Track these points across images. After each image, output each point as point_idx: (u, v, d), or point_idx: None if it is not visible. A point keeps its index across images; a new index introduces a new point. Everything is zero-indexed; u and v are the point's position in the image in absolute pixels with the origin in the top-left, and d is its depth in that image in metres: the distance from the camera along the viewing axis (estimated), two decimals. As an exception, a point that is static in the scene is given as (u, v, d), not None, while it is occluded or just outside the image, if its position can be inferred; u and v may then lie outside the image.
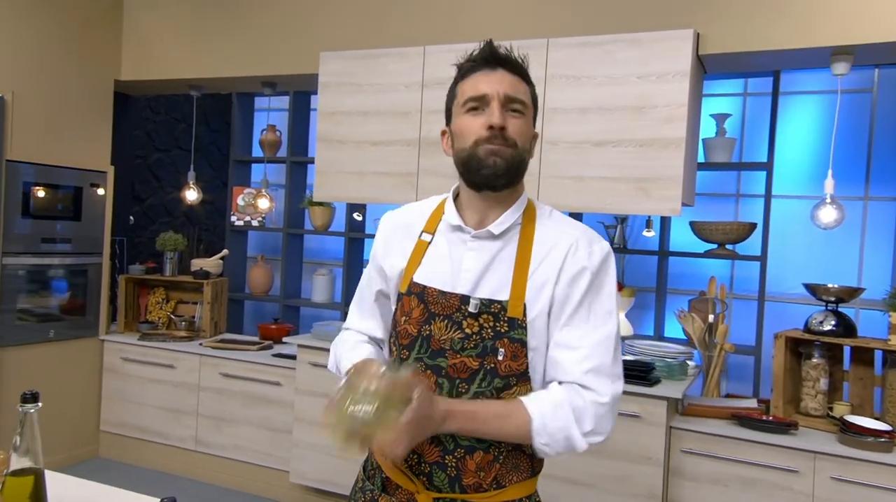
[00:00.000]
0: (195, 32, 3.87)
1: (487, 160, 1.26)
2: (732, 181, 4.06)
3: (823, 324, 2.85)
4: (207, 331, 4.01)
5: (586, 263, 1.28)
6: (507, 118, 1.27)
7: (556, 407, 1.22)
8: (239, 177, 4.86)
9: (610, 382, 1.25)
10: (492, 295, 1.28)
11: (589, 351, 1.25)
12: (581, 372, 1.24)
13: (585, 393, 1.24)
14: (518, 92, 1.29)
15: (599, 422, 1.24)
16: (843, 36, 2.63)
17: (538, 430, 1.22)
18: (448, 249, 1.34)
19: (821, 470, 2.58)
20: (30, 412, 1.33)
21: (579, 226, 1.35)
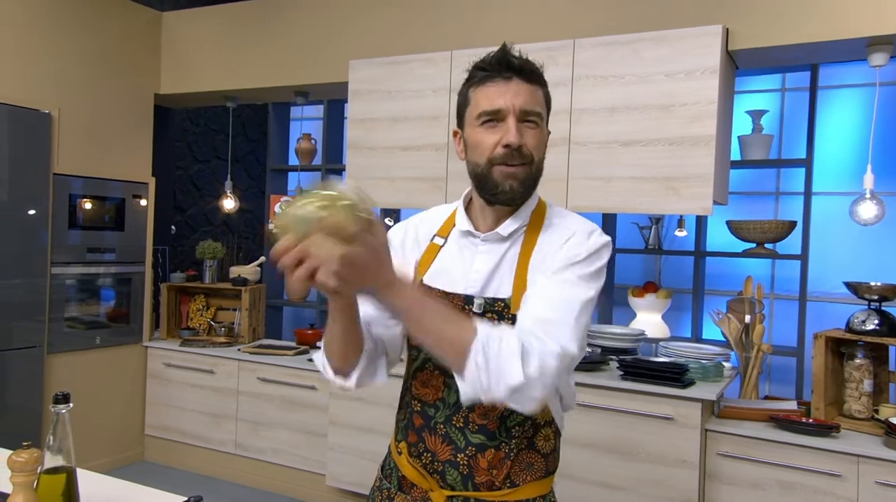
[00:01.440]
0: (230, 45, 3.97)
1: (504, 184, 1.26)
2: (771, 179, 3.97)
3: (866, 323, 2.76)
4: (246, 337, 4.08)
5: (579, 243, 1.26)
6: (523, 133, 1.25)
7: (504, 336, 1.11)
8: (276, 185, 4.95)
9: (564, 336, 1.14)
10: (496, 294, 1.28)
11: (548, 304, 1.17)
12: (532, 317, 1.15)
13: (533, 338, 1.12)
14: (534, 103, 1.26)
15: (543, 371, 1.09)
16: (880, 25, 2.56)
17: (478, 348, 1.08)
18: (460, 253, 1.34)
19: (865, 475, 2.50)
20: (61, 412, 1.38)
21: (584, 221, 1.33)
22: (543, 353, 1.10)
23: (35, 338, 3.53)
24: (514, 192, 1.26)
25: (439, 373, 1.30)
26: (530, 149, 1.25)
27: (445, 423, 1.30)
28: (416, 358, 1.34)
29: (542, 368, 1.09)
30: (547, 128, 1.33)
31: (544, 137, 1.30)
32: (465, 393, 1.11)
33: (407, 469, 1.35)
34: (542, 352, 1.10)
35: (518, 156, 1.24)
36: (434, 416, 1.31)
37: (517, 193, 1.27)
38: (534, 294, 1.21)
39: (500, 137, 1.24)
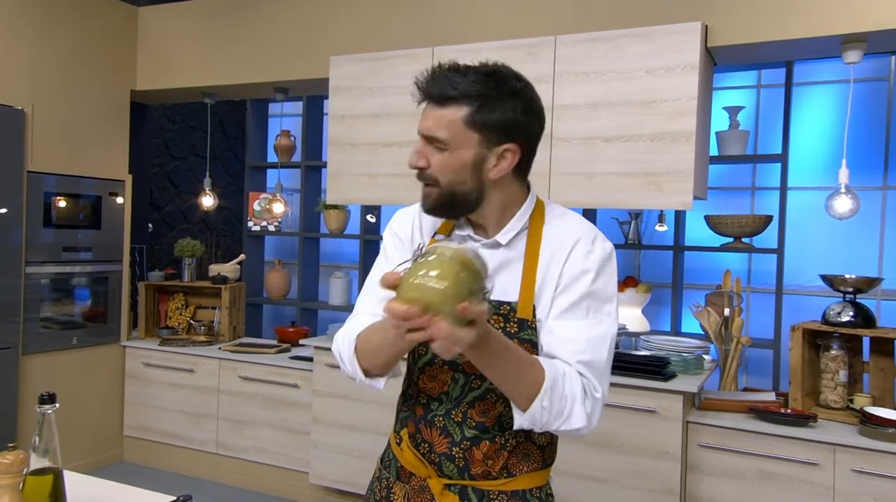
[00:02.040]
0: (208, 41, 3.93)
1: (423, 200, 1.31)
2: (747, 174, 4.03)
3: (841, 315, 2.82)
4: (226, 336, 4.05)
5: (586, 262, 1.27)
6: (428, 155, 1.26)
7: (567, 375, 1.20)
8: (254, 182, 4.91)
9: (603, 379, 1.24)
10: (501, 297, 1.29)
11: (585, 345, 1.23)
12: (577, 362, 1.22)
13: (584, 381, 1.22)
14: (437, 128, 1.23)
15: (594, 411, 1.22)
16: (854, 23, 2.61)
17: (547, 389, 1.16)
18: None
19: (841, 463, 2.55)
20: (47, 413, 1.37)
21: (584, 224, 1.34)
22: (595, 398, 1.22)
23: (9, 338, 3.47)
24: (428, 209, 1.29)
25: (448, 367, 1.31)
26: (432, 173, 1.25)
27: (445, 416, 1.31)
28: (425, 353, 1.34)
29: (593, 412, 1.22)
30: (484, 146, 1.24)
31: (453, 160, 1.24)
32: (521, 424, 1.21)
33: (406, 457, 1.37)
34: (594, 396, 1.22)
35: (421, 176, 1.28)
36: (435, 410, 1.33)
37: (431, 209, 1.29)
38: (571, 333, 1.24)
39: None
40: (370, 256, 4.48)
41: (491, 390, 1.28)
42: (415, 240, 1.43)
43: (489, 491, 1.30)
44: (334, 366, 3.37)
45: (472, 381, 1.30)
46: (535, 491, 1.34)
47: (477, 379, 1.29)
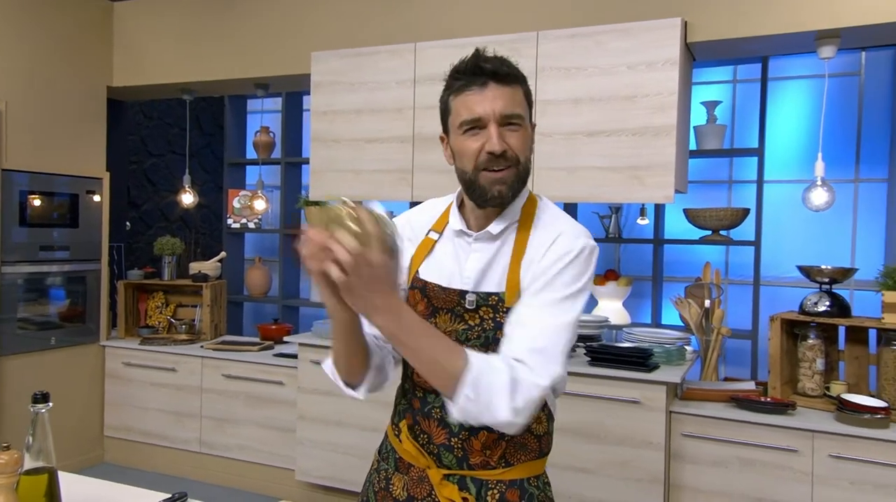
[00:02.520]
0: (186, 36, 3.89)
1: (492, 190, 1.28)
2: (724, 168, 4.10)
3: (818, 305, 2.89)
4: (208, 334, 4.03)
5: (566, 249, 1.28)
6: (506, 137, 1.26)
7: (495, 370, 1.15)
8: (233, 179, 4.87)
9: (554, 365, 1.20)
10: (490, 288, 1.31)
11: (538, 331, 1.21)
12: (527, 348, 1.19)
13: (524, 371, 1.17)
14: (513, 106, 1.26)
15: (528, 405, 1.16)
16: (829, 20, 2.67)
17: (469, 381, 1.13)
18: (454, 250, 1.37)
19: (819, 449, 2.62)
20: (41, 412, 1.36)
21: (571, 221, 1.36)
22: (531, 387, 1.16)
23: (-13, 339, 3.42)
24: (504, 197, 1.29)
25: None
26: (515, 152, 1.27)
27: (442, 408, 1.32)
28: None
29: (527, 401, 1.15)
30: (531, 122, 1.34)
31: (528, 136, 1.31)
32: (453, 416, 1.17)
33: (405, 448, 1.38)
34: (531, 385, 1.16)
35: (503, 160, 1.26)
36: (432, 402, 1.34)
37: (506, 197, 1.29)
38: (527, 316, 1.23)
39: (482, 144, 1.26)
40: (352, 252, 4.47)
41: None
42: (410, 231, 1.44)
43: (487, 481, 1.32)
44: (319, 363, 3.36)
45: None
46: (533, 479, 1.36)
47: None
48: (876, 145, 3.75)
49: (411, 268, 1.40)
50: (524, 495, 1.33)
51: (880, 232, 3.75)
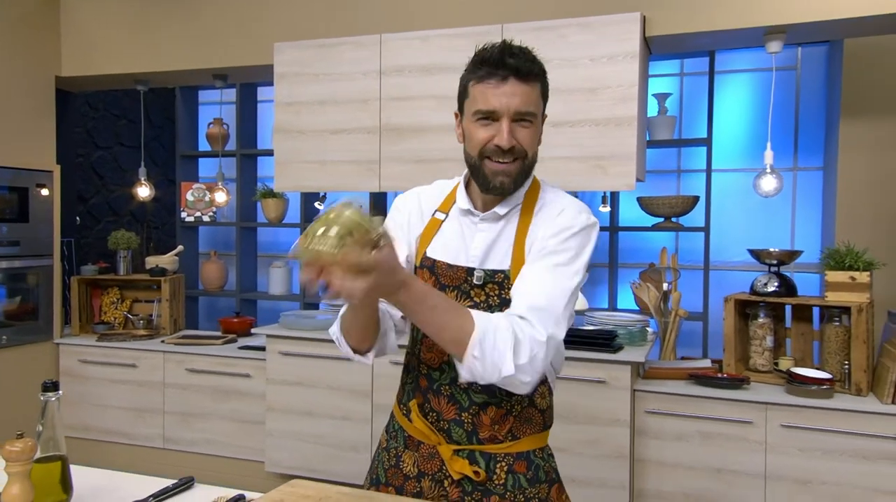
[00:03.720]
0: (140, 25, 3.80)
1: (494, 180, 1.34)
2: (672, 157, 4.28)
3: (767, 285, 3.07)
4: (167, 329, 3.96)
5: (568, 222, 1.35)
6: (516, 132, 1.31)
7: (499, 328, 1.21)
8: (186, 172, 4.79)
9: (552, 323, 1.25)
10: (497, 266, 1.37)
11: (538, 291, 1.27)
12: (527, 306, 1.25)
13: (525, 326, 1.23)
14: (528, 104, 1.31)
15: (533, 360, 1.22)
16: (776, 16, 2.84)
17: (475, 342, 1.19)
18: (461, 230, 1.43)
19: (772, 420, 2.80)
20: (51, 400, 1.37)
21: (573, 199, 1.44)
22: (533, 342, 1.22)
23: (-64, 339, 3.28)
24: (505, 188, 1.35)
25: None
26: (523, 147, 1.33)
27: (451, 384, 1.38)
28: None
29: (531, 357, 1.22)
30: (544, 114, 1.40)
31: (537, 132, 1.38)
32: (463, 376, 1.24)
33: (415, 427, 1.43)
34: (532, 341, 1.22)
35: (510, 154, 1.32)
36: (439, 379, 1.40)
37: (508, 188, 1.35)
38: (529, 278, 1.30)
39: (492, 135, 1.32)
40: (311, 244, 4.47)
41: None
42: (413, 221, 1.49)
43: (496, 454, 1.38)
44: (288, 354, 3.37)
45: None
46: (538, 451, 1.44)
47: None
48: (812, 136, 3.99)
49: (419, 247, 1.46)
50: (531, 466, 1.41)
51: (817, 217, 4.00)
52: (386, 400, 3.23)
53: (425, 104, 3.20)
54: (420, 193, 1.53)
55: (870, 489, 2.67)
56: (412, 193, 1.54)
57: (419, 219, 1.49)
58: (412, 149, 3.23)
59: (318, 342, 3.31)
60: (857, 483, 2.68)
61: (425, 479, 1.41)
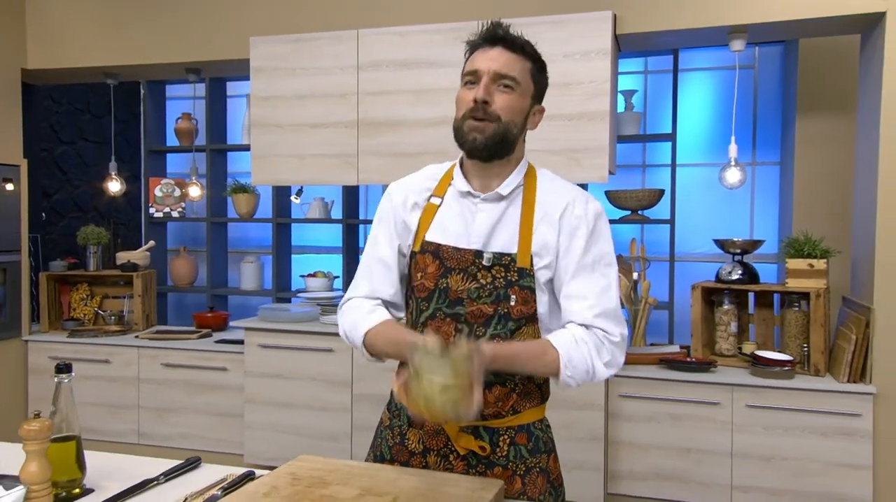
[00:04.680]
0: (111, 17, 3.76)
1: (469, 136, 1.40)
2: (637, 152, 4.42)
3: (732, 273, 3.22)
4: (140, 324, 3.93)
5: (582, 218, 1.43)
6: (494, 93, 1.38)
7: (577, 343, 1.37)
8: (154, 167, 4.74)
9: (616, 323, 1.41)
10: (502, 249, 1.43)
11: (595, 299, 1.40)
12: (592, 316, 1.39)
13: (598, 332, 1.39)
14: (510, 69, 1.39)
15: (614, 355, 1.40)
16: (739, 16, 2.98)
17: (565, 364, 1.36)
18: (460, 211, 1.47)
19: (738, 400, 2.94)
20: (64, 381, 1.40)
21: (574, 187, 1.50)
22: (609, 344, 1.40)
23: None
24: (477, 144, 1.40)
25: (450, 320, 1.43)
26: (497, 109, 1.39)
27: None
28: (427, 308, 1.46)
29: (612, 356, 1.40)
30: (532, 100, 1.47)
31: (520, 103, 1.42)
32: (562, 388, 1.43)
33: None
34: (608, 342, 1.40)
35: (483, 112, 1.38)
36: None
37: (480, 145, 1.40)
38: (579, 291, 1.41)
39: (473, 94, 1.39)
40: (283, 240, 4.48)
41: (496, 335, 1.41)
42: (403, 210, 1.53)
43: (499, 429, 1.45)
44: (267, 347, 3.39)
45: (476, 330, 1.42)
46: (537, 423, 1.51)
47: (480, 326, 1.42)
48: (769, 132, 4.17)
49: (418, 233, 1.50)
50: (531, 437, 1.48)
51: (774, 210, 4.18)
52: (365, 389, 3.28)
53: (403, 98, 3.25)
54: (411, 182, 1.57)
55: (827, 463, 2.83)
56: (403, 183, 1.58)
57: (413, 208, 1.52)
58: (390, 143, 3.28)
59: (298, 334, 3.35)
60: (815, 457, 2.84)
61: (431, 454, 1.47)
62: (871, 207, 2.94)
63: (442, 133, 3.23)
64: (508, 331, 1.41)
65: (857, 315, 2.99)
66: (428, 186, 1.53)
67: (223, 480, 1.51)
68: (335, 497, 1.26)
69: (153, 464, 1.59)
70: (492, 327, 1.42)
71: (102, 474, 1.53)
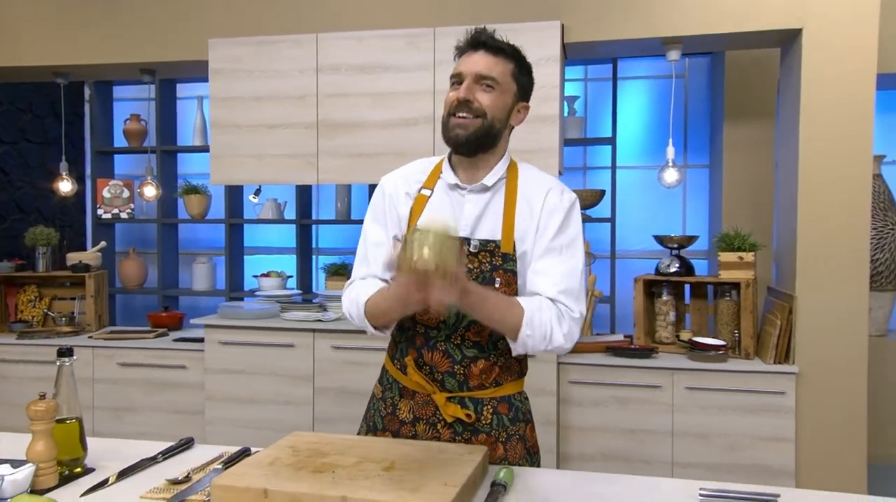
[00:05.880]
0: (63, 15, 3.73)
1: (452, 132, 1.54)
2: (578, 155, 4.66)
3: (670, 267, 3.47)
4: (93, 325, 3.91)
5: (558, 204, 1.57)
6: (476, 92, 1.52)
7: (542, 308, 1.48)
8: (101, 168, 4.69)
9: (577, 302, 1.53)
10: (488, 236, 1.56)
11: (559, 277, 1.52)
12: (556, 292, 1.51)
13: (561, 306, 1.51)
14: (490, 70, 1.53)
15: (571, 329, 1.51)
16: (674, 28, 3.23)
17: (527, 322, 1.45)
18: (449, 202, 1.60)
19: (677, 383, 3.18)
20: (65, 364, 1.47)
21: (551, 177, 1.65)
22: (570, 318, 1.51)
23: None
24: (460, 139, 1.53)
25: None
26: (482, 106, 1.52)
27: (445, 341, 1.57)
28: None
29: (570, 329, 1.51)
30: (515, 98, 1.59)
31: (503, 101, 1.56)
32: (516, 350, 1.51)
33: (411, 380, 1.60)
34: (569, 317, 1.51)
35: (467, 108, 1.52)
36: (435, 336, 1.57)
37: (462, 139, 1.53)
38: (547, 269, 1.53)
39: (457, 94, 1.54)
40: (236, 240, 4.52)
41: None
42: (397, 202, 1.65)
43: (482, 399, 1.59)
44: (228, 343, 3.45)
45: None
46: (517, 395, 1.66)
47: None
48: (699, 137, 4.48)
49: (410, 221, 1.62)
50: (511, 408, 1.62)
51: (704, 209, 4.49)
52: (326, 383, 3.38)
53: (362, 101, 3.38)
54: (402, 175, 1.68)
55: (756, 437, 3.10)
56: (395, 175, 1.69)
57: (406, 199, 1.64)
58: (350, 144, 3.40)
59: (259, 330, 3.41)
60: (745, 433, 3.11)
61: (420, 424, 1.60)
62: (792, 207, 3.24)
63: (399, 135, 3.38)
64: None
65: (781, 303, 3.28)
66: (418, 178, 1.65)
67: (220, 456, 1.61)
68: (336, 463, 1.38)
69: (147, 446, 1.67)
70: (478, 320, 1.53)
71: (102, 454, 1.60)
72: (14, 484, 1.33)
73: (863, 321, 3.10)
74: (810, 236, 3.13)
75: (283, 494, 1.25)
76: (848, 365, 3.09)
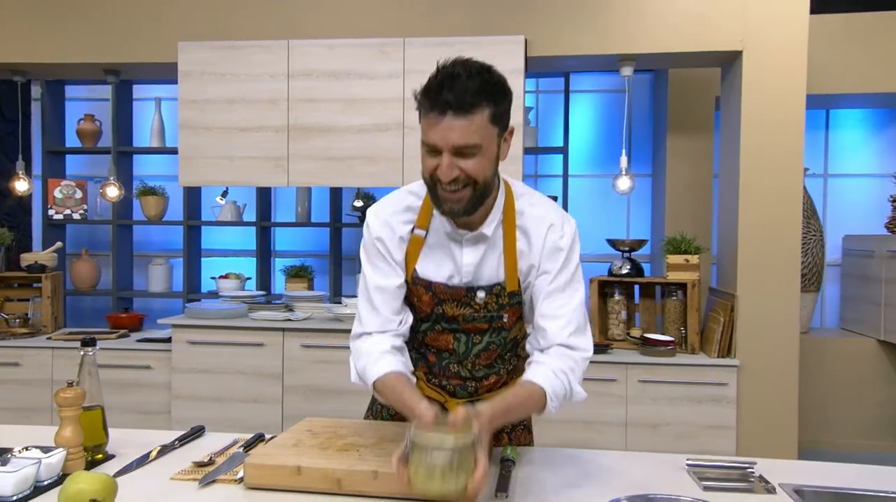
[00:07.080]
0: (22, 12, 3.67)
1: (444, 205, 1.40)
2: (530, 164, 4.87)
3: (622, 268, 3.71)
4: (49, 327, 3.85)
5: (560, 243, 1.50)
6: (459, 162, 1.34)
7: (556, 375, 1.43)
8: (53, 168, 4.60)
9: (587, 338, 1.50)
10: (491, 281, 1.52)
11: (568, 317, 1.48)
12: (566, 335, 1.47)
13: (574, 354, 1.47)
14: (468, 136, 1.32)
15: (583, 373, 1.49)
16: (628, 46, 3.48)
17: (550, 397, 1.41)
18: (448, 247, 1.52)
19: (631, 377, 3.41)
20: (88, 354, 1.54)
21: (551, 207, 1.56)
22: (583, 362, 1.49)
23: None
24: (455, 212, 1.41)
25: (448, 332, 1.58)
26: (471, 175, 1.36)
27: (457, 364, 1.61)
28: (428, 318, 1.59)
29: (582, 375, 1.50)
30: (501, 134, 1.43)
31: (487, 159, 1.38)
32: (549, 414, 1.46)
33: (422, 390, 1.57)
34: (582, 361, 1.49)
35: (455, 183, 1.36)
36: (447, 358, 1.61)
37: (459, 212, 1.41)
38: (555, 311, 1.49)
39: (437, 166, 1.36)
40: (194, 241, 4.52)
41: (492, 342, 1.57)
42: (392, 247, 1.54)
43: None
44: (196, 343, 3.47)
45: (473, 338, 1.57)
46: None
47: (477, 335, 1.57)
48: (642, 147, 4.76)
49: (407, 266, 1.54)
50: None
51: (647, 216, 4.77)
52: (295, 380, 3.45)
53: (333, 107, 3.48)
54: (389, 213, 1.56)
55: (701, 426, 3.36)
56: (382, 215, 1.56)
57: (400, 244, 1.54)
58: (320, 148, 3.49)
59: (228, 330, 3.46)
60: (692, 421, 3.36)
61: None
62: (733, 214, 3.52)
63: (370, 140, 3.49)
64: (502, 339, 1.59)
65: (723, 301, 3.56)
66: (409, 219, 1.55)
67: (235, 442, 1.69)
68: (357, 443, 1.48)
69: (159, 435, 1.74)
70: (487, 336, 1.57)
71: (119, 443, 1.66)
72: (49, 467, 1.39)
73: (795, 318, 3.41)
74: (750, 241, 3.42)
75: (316, 470, 1.35)
76: (782, 358, 3.39)
